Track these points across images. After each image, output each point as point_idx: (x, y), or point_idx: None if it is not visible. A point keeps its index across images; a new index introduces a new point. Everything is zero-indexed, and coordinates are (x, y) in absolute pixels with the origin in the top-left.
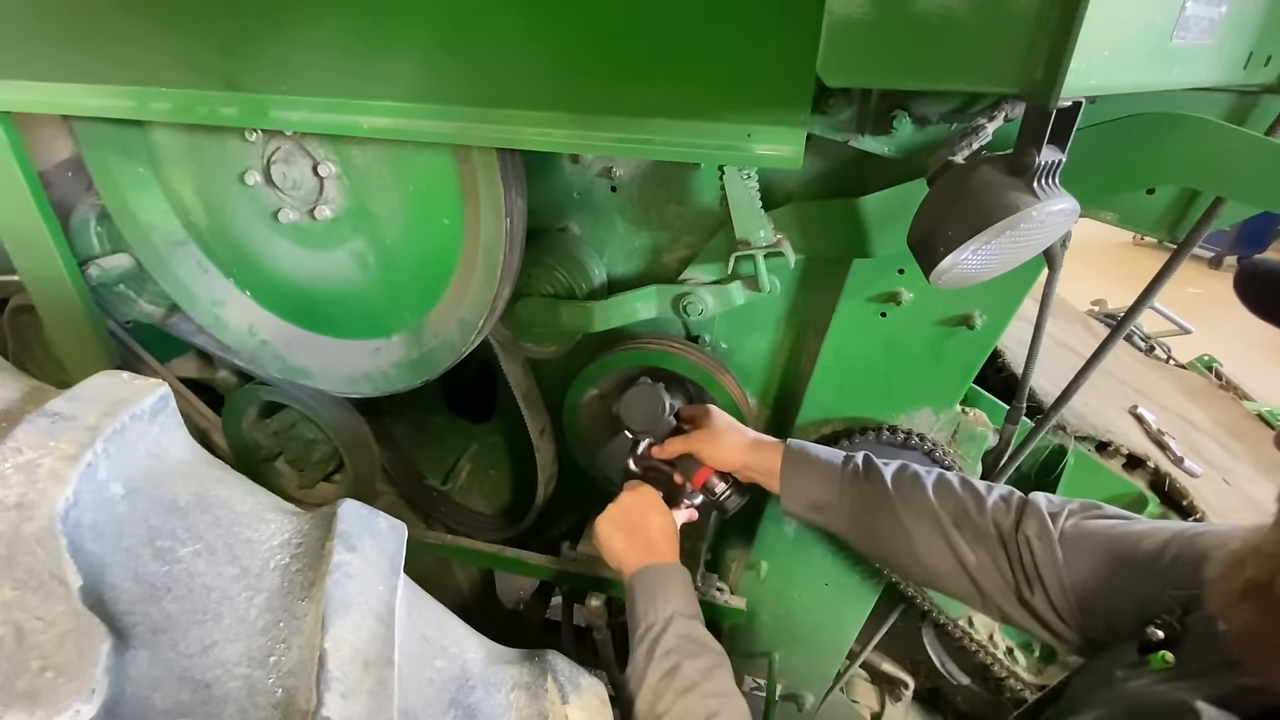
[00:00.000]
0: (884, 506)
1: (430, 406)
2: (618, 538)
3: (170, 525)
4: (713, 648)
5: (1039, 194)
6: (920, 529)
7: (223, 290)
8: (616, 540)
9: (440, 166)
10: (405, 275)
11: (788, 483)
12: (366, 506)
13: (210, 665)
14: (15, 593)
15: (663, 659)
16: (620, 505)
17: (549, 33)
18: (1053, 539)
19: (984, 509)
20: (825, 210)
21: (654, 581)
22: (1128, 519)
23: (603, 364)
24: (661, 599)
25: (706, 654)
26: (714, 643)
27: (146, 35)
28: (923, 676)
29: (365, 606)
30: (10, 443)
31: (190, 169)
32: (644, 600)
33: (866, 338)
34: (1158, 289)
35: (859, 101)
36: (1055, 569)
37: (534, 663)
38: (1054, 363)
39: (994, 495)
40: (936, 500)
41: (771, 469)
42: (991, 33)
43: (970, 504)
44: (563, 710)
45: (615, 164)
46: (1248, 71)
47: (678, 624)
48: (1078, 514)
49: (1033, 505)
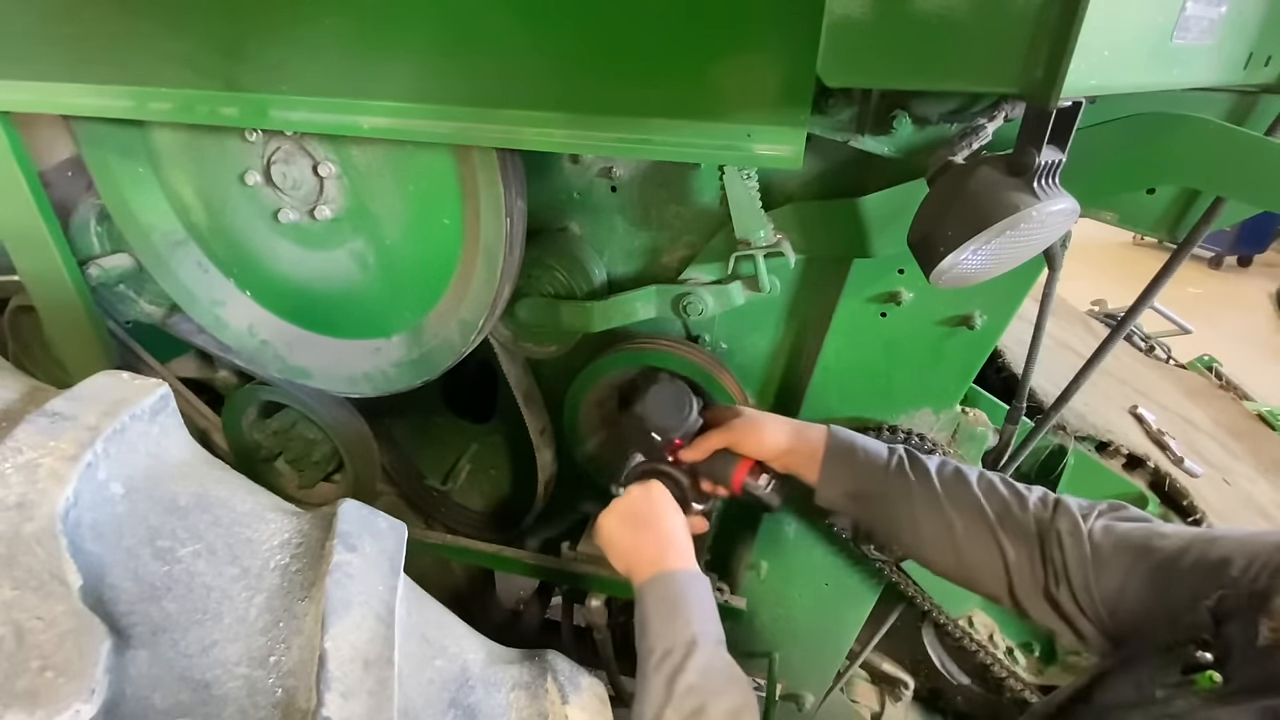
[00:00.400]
0: (930, 500)
1: (430, 406)
2: (626, 534)
3: (170, 525)
4: (739, 681)
5: (1039, 194)
6: (965, 523)
7: (223, 290)
8: (624, 537)
9: (440, 166)
10: (405, 275)
11: (829, 470)
12: (366, 506)
13: (210, 665)
14: (15, 592)
15: (685, 696)
16: (629, 500)
17: (549, 33)
18: (1083, 536)
19: (1026, 506)
20: (825, 210)
21: (673, 593)
22: (1149, 520)
23: (603, 364)
24: (682, 617)
25: (733, 690)
26: (740, 674)
27: (146, 35)
28: (923, 676)
29: (365, 606)
30: (10, 443)
31: (190, 169)
32: (661, 616)
33: (866, 338)
34: (1158, 289)
35: (859, 101)
36: (1084, 566)
37: (534, 663)
38: (1054, 363)
39: (1034, 494)
40: (983, 496)
41: (814, 453)
42: (991, 33)
43: (1013, 501)
44: (563, 710)
45: (615, 164)
46: (1248, 71)
47: (702, 652)
48: (1106, 514)
49: (1064, 504)
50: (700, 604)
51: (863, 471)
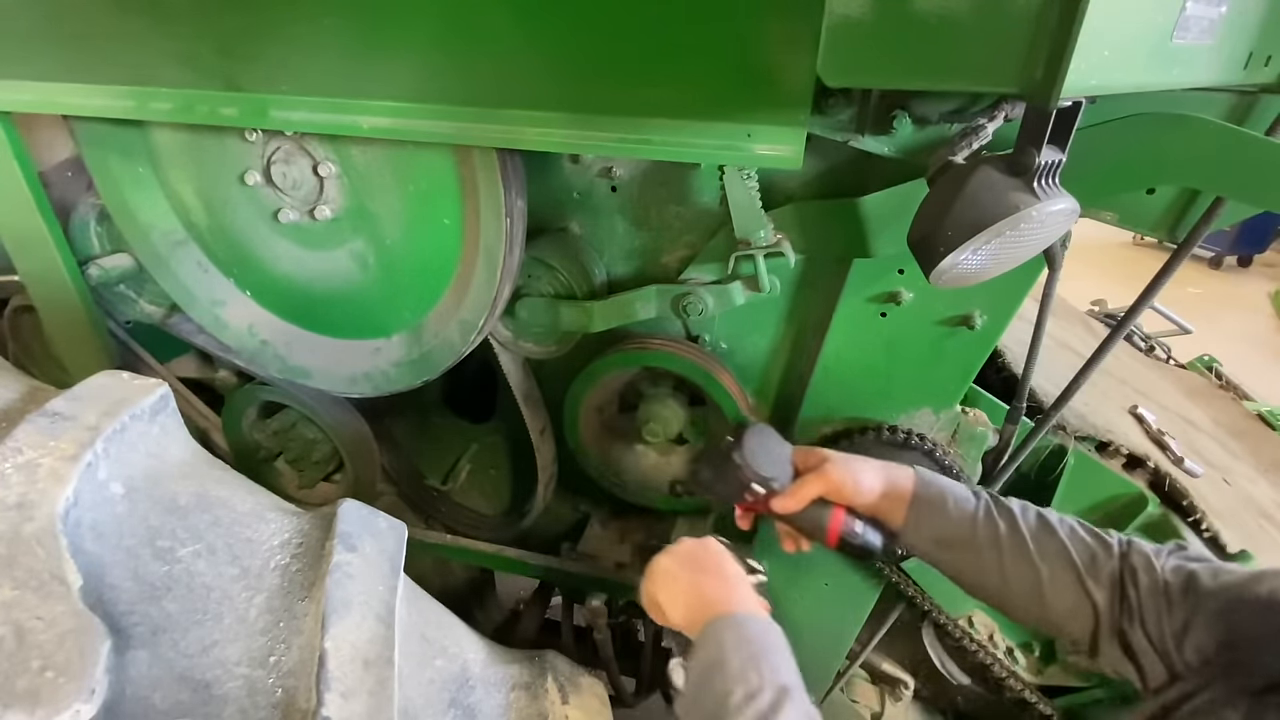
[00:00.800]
0: (1019, 550)
1: (430, 406)
2: (685, 574)
3: (170, 525)
4: None
5: (1039, 194)
6: (1052, 572)
7: (223, 290)
8: (683, 575)
9: (440, 166)
10: (405, 275)
11: (916, 516)
12: (367, 507)
13: (210, 665)
14: (15, 592)
15: None
16: (686, 547)
17: (549, 33)
18: (1156, 573)
19: (1111, 552)
20: (825, 210)
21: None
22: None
23: (602, 364)
24: (769, 663)
25: None
26: None
27: (146, 35)
28: (923, 676)
29: (365, 606)
30: (10, 443)
31: (190, 169)
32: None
33: (866, 338)
34: (1158, 289)
35: (859, 101)
36: (1156, 602)
37: (534, 663)
38: (1054, 363)
39: (1113, 538)
40: (1070, 543)
41: (902, 496)
42: (991, 33)
43: (1098, 548)
44: (562, 710)
45: (615, 164)
46: (1248, 71)
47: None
48: (1175, 553)
49: (1136, 543)
50: (785, 653)
51: (951, 519)
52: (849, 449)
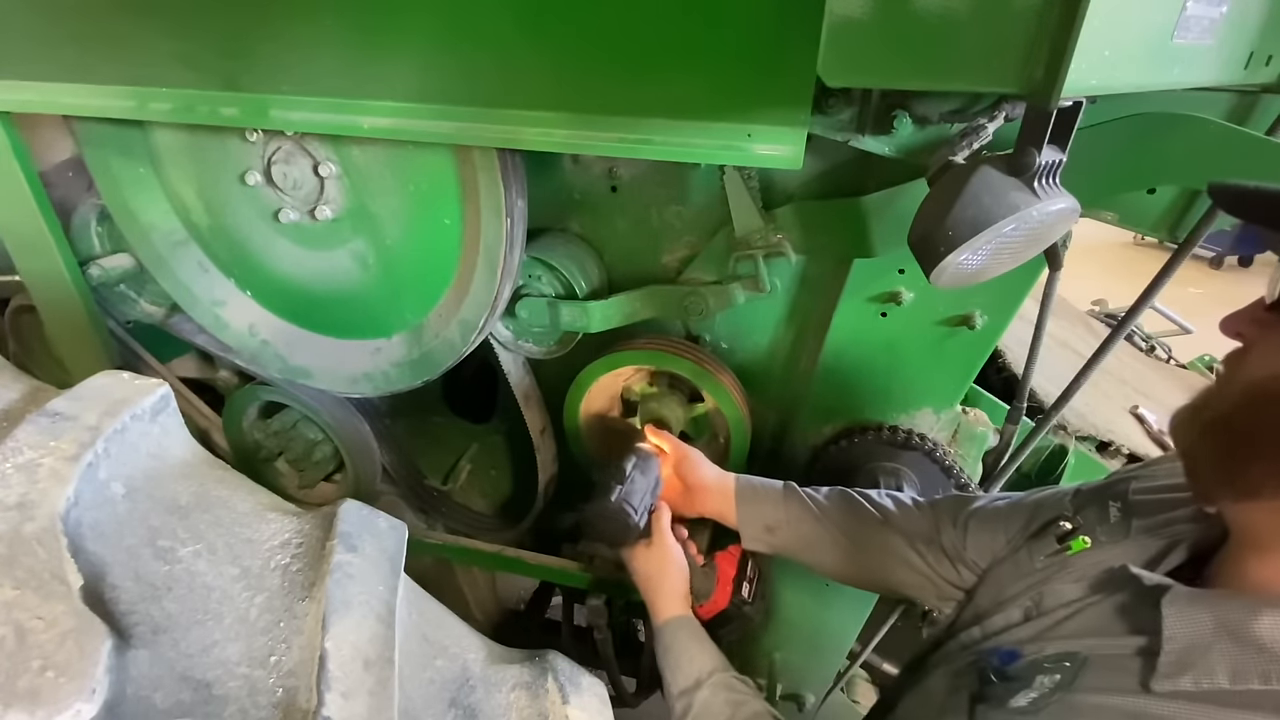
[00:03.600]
0: (820, 517)
1: (430, 406)
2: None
3: (171, 525)
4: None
5: (1039, 194)
6: (858, 528)
7: (223, 290)
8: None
9: (440, 166)
10: (405, 275)
11: (743, 509)
12: (367, 506)
13: (211, 665)
14: (16, 592)
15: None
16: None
17: (549, 33)
18: (964, 514)
19: (921, 506)
20: (825, 210)
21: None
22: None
23: (603, 364)
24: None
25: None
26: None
27: (146, 35)
28: None
29: (366, 606)
30: (11, 442)
31: (191, 169)
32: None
33: (867, 338)
34: (1158, 289)
35: (859, 101)
36: (962, 538)
37: (534, 663)
38: (1054, 363)
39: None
40: (871, 506)
41: (727, 492)
42: (992, 33)
43: (907, 505)
44: (563, 710)
45: (615, 164)
46: (1248, 71)
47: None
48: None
49: (940, 500)
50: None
51: (764, 502)
52: (849, 449)
